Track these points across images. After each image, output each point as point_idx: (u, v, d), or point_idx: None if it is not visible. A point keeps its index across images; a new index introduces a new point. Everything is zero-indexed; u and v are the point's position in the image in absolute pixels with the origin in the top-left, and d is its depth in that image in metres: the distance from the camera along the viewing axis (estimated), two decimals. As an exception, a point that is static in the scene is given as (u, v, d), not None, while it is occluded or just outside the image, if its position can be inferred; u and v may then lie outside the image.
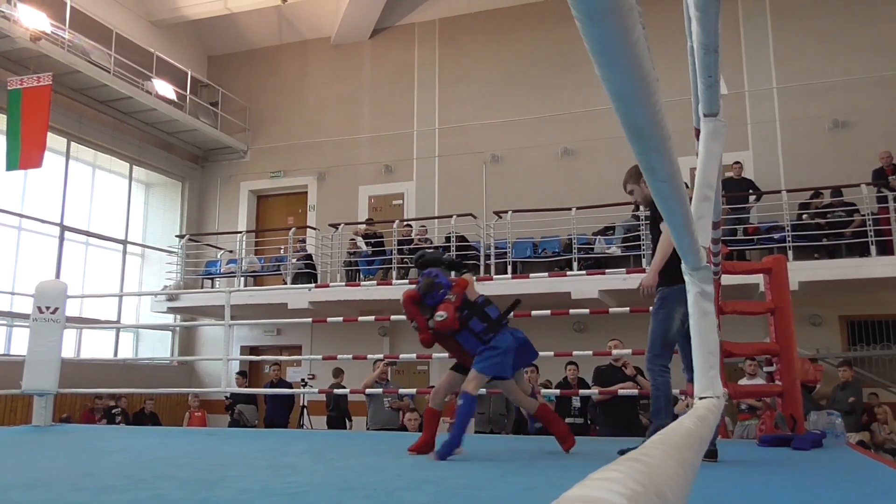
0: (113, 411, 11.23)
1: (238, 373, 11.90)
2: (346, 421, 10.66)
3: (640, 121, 0.89)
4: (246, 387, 11.28)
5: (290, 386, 11.44)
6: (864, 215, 10.33)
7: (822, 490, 3.13)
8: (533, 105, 13.80)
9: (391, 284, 9.46)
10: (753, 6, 12.95)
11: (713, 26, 1.65)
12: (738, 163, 11.69)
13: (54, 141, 12.54)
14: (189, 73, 15.00)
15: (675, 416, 3.70)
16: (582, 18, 0.69)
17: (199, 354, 14.85)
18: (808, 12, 12.64)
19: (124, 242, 14.60)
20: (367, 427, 9.24)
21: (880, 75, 11.93)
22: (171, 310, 13.60)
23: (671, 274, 3.86)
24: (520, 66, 14.11)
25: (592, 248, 11.44)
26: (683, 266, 2.08)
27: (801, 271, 9.46)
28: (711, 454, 3.80)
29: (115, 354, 13.96)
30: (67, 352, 9.49)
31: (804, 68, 12.42)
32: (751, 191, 11.56)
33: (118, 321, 14.01)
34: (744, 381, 8.38)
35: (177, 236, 14.66)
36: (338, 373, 11.01)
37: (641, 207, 11.10)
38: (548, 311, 6.63)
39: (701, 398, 2.05)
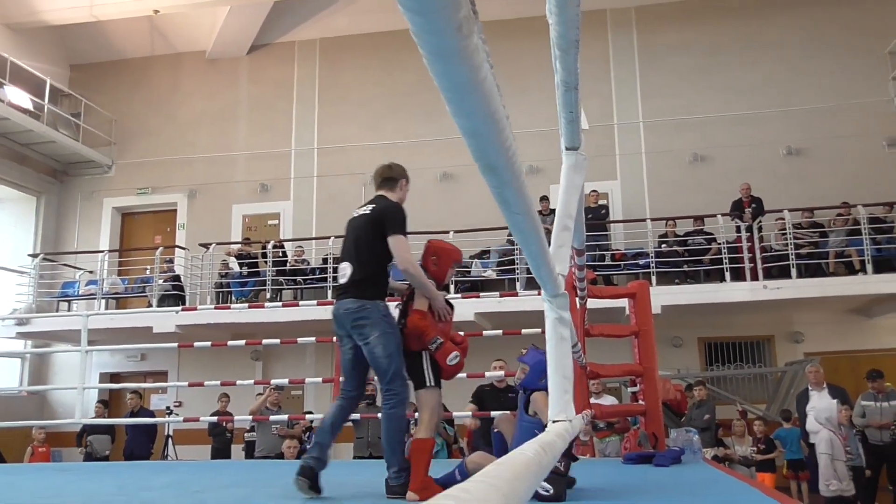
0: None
1: (99, 401, 11.15)
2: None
3: (492, 157, 0.89)
4: (106, 417, 10.54)
5: (152, 415, 10.81)
6: (720, 244, 11.07)
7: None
8: (413, 128, 13.88)
9: (263, 307, 9.18)
10: (622, 43, 13.68)
11: (573, 66, 1.70)
12: (594, 191, 12.16)
13: None
14: (48, 81, 14.04)
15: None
16: (428, 57, 0.67)
17: (52, 383, 13.77)
18: (671, 53, 13.50)
19: (-31, 261, 13.40)
20: (254, 455, 8.92)
21: (735, 114, 12.90)
22: (21, 335, 12.58)
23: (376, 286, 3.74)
24: (400, 88, 14.16)
25: (469, 272, 11.59)
26: (543, 293, 2.12)
27: (663, 295, 9.97)
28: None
29: (-45, 384, 12.73)
30: None
31: (668, 105, 13.22)
32: (606, 217, 12.11)
33: (-41, 347, 12.79)
34: (593, 401, 8.65)
35: (29, 255, 13.60)
36: (222, 397, 10.46)
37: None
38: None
39: (555, 422, 2.09)
